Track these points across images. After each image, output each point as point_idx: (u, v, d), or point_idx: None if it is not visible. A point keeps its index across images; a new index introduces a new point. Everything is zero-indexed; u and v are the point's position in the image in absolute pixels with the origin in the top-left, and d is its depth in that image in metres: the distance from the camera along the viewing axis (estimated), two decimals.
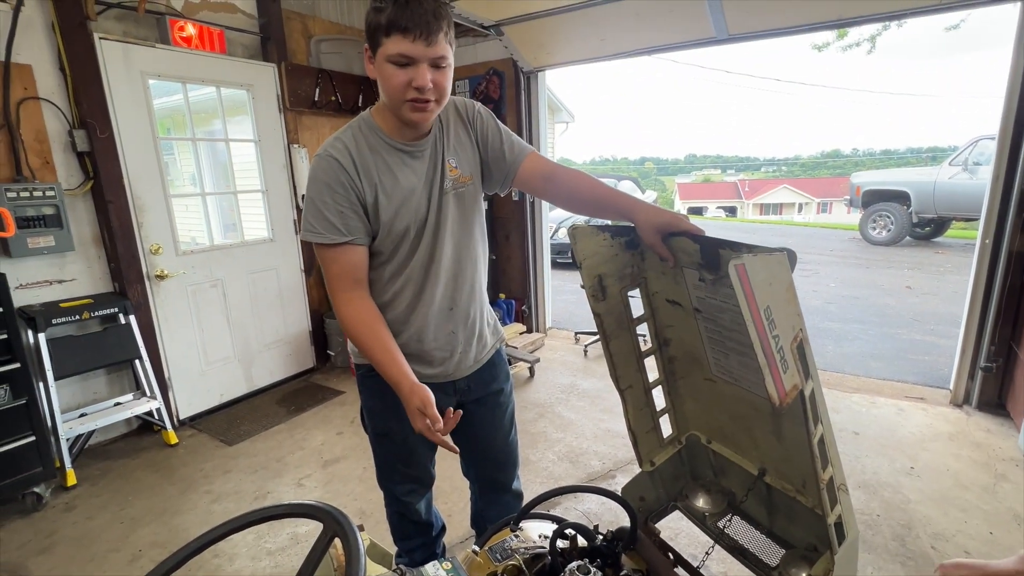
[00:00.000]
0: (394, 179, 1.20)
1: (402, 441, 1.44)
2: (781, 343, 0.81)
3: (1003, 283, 2.68)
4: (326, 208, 1.15)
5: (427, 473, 1.57)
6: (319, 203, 1.15)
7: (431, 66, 1.06)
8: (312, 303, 3.88)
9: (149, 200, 2.91)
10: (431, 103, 1.11)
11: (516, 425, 1.59)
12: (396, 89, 1.08)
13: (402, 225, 1.22)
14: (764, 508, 1.24)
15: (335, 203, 1.15)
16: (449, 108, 1.28)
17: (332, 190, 1.15)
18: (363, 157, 1.17)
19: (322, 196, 1.15)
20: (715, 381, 1.20)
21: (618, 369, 1.23)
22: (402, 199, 1.21)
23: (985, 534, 1.98)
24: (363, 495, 2.44)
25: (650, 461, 1.34)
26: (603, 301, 1.13)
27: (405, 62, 1.05)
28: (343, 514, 0.78)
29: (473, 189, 1.30)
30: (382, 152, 1.19)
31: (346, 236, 1.17)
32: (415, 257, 1.27)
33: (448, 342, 1.35)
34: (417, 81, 1.06)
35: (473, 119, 1.29)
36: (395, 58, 1.04)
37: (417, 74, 1.05)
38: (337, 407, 3.35)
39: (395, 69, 1.06)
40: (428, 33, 1.02)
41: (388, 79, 1.08)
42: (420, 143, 1.22)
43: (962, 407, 2.93)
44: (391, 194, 1.20)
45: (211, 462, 2.76)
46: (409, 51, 1.03)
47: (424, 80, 1.06)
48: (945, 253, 7.82)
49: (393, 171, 1.20)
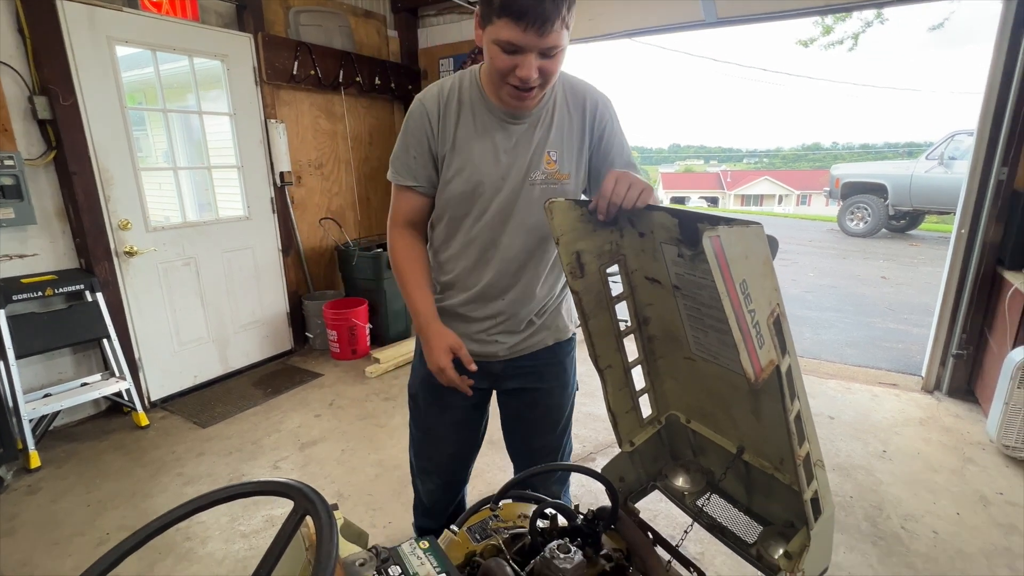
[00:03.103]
0: (470, 143, 1.14)
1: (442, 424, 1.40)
2: (757, 318, 0.79)
3: (976, 272, 2.73)
4: (403, 150, 1.17)
5: (454, 472, 1.49)
6: (400, 144, 1.18)
7: (540, 55, 0.98)
8: (290, 284, 3.80)
9: (117, 173, 2.80)
10: (534, 90, 1.04)
11: (569, 428, 1.46)
12: (499, 72, 1.02)
13: (462, 189, 1.17)
14: (742, 486, 1.24)
15: (411, 147, 1.16)
16: (567, 91, 1.18)
17: (412, 134, 1.15)
18: (449, 108, 1.14)
19: (403, 138, 1.17)
20: (694, 360, 1.18)
21: (597, 349, 1.21)
22: (468, 162, 1.15)
23: (953, 515, 2.03)
24: (341, 477, 2.40)
25: (629, 441, 1.33)
26: (581, 279, 1.10)
27: (513, 49, 0.96)
28: (315, 491, 0.74)
29: (570, 190, 1.20)
30: (474, 108, 1.14)
31: (411, 181, 1.19)
32: (472, 238, 1.21)
33: (488, 327, 1.29)
34: (522, 71, 0.98)
35: (597, 119, 1.19)
36: (503, 44, 0.96)
37: (524, 63, 0.98)
38: (315, 390, 3.30)
39: (501, 52, 0.98)
40: (543, 22, 0.92)
41: (492, 59, 1.01)
42: (518, 115, 1.13)
43: (933, 393, 3.00)
44: (461, 153, 1.15)
45: (183, 444, 2.70)
46: (519, 40, 0.94)
47: (529, 72, 0.98)
48: (919, 245, 7.99)
49: (474, 134, 1.14)
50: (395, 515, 2.14)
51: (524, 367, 1.34)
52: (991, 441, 2.46)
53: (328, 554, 0.64)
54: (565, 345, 1.40)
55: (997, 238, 2.68)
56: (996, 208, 2.65)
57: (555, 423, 1.42)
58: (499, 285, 1.25)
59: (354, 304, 3.71)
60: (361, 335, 3.70)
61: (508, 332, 1.30)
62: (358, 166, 4.22)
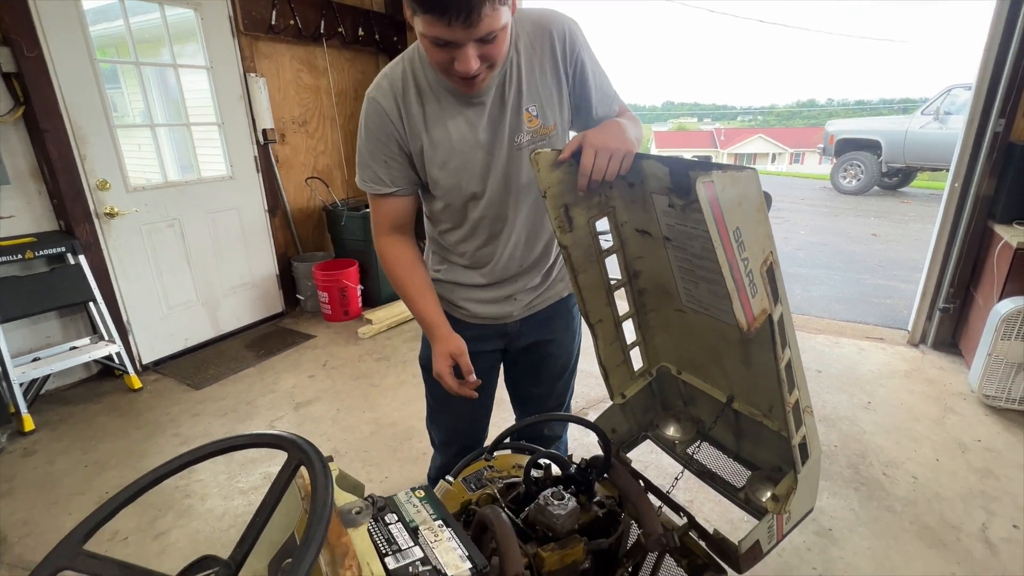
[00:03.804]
0: (444, 131, 1.05)
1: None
2: (750, 266, 0.78)
3: (967, 227, 2.74)
4: (371, 157, 1.08)
5: (472, 436, 1.49)
6: (364, 151, 1.09)
7: (478, 42, 0.86)
8: (278, 246, 3.74)
9: (91, 130, 2.69)
10: (481, 75, 0.94)
11: (574, 377, 1.48)
12: (437, 65, 0.93)
13: (453, 182, 1.09)
14: (731, 434, 1.27)
15: (379, 152, 1.07)
16: (529, 32, 1.03)
17: (375, 138, 1.06)
18: (409, 102, 1.03)
19: (367, 144, 1.08)
20: (685, 312, 1.18)
21: (588, 304, 1.20)
22: (451, 153, 1.07)
23: (932, 461, 2.10)
24: (336, 435, 2.43)
25: (621, 394, 1.34)
26: (570, 232, 1.08)
27: (444, 43, 0.85)
28: (308, 442, 0.74)
29: (560, 139, 1.12)
30: (433, 96, 1.03)
31: (390, 187, 1.10)
32: (478, 218, 1.16)
33: (506, 301, 1.27)
34: (460, 65, 0.87)
35: (568, 52, 1.05)
36: (431, 39, 0.85)
37: (460, 56, 0.86)
38: (308, 351, 3.30)
39: (433, 46, 0.87)
40: (468, 13, 0.79)
41: (428, 53, 0.91)
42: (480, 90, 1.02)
43: (918, 347, 3.06)
44: (439, 147, 1.06)
45: (178, 406, 2.71)
46: (446, 35, 0.83)
47: (468, 65, 0.87)
48: (910, 203, 7.99)
49: (444, 120, 1.04)
50: (391, 470, 2.18)
51: (538, 321, 1.34)
52: (972, 392, 2.52)
53: (323, 502, 0.64)
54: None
55: (990, 191, 2.67)
56: (991, 161, 2.63)
57: (563, 369, 1.43)
58: (516, 256, 1.23)
59: (344, 265, 3.67)
60: (352, 296, 3.68)
61: (526, 291, 1.29)
62: (344, 123, 4.09)
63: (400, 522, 0.80)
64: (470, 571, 0.72)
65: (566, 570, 0.95)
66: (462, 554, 0.75)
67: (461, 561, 0.74)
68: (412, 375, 2.92)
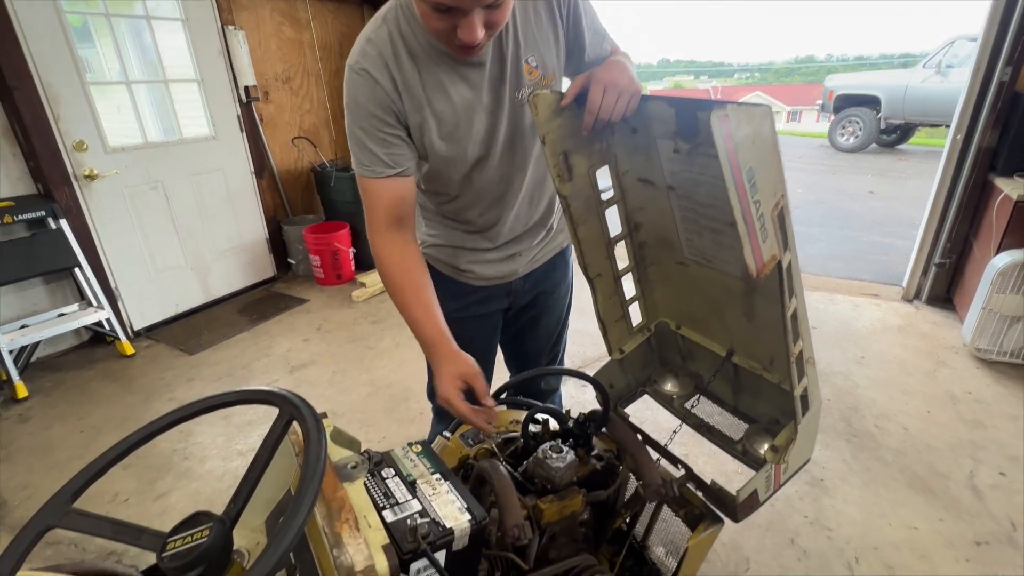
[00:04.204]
0: (446, 98, 0.96)
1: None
2: (762, 209, 0.74)
3: (968, 179, 2.70)
4: (367, 137, 0.95)
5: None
6: (357, 131, 0.95)
7: (484, 8, 0.79)
8: (267, 209, 3.65)
9: (63, 89, 2.56)
10: (482, 43, 0.86)
11: (567, 328, 1.47)
12: (436, 33, 0.85)
13: (456, 151, 1.02)
14: (729, 388, 1.26)
15: (375, 130, 0.94)
16: None
17: (370, 115, 0.93)
18: (404, 70, 0.93)
19: (360, 122, 0.94)
20: (687, 264, 1.15)
21: (587, 257, 1.17)
22: (456, 123, 0.99)
23: (923, 413, 2.13)
24: (333, 397, 2.43)
25: (619, 349, 1.33)
26: (569, 182, 1.03)
27: (447, 9, 0.78)
28: (299, 397, 0.72)
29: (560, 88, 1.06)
30: (428, 61, 0.93)
31: (392, 168, 0.97)
32: (483, 185, 1.09)
33: (511, 259, 1.23)
34: (464, 34, 0.80)
35: None
36: (433, 3, 0.78)
37: (464, 24, 0.79)
38: (302, 315, 3.27)
39: (433, 12, 0.79)
40: None
41: (424, 18, 0.83)
42: None
43: (912, 302, 3.07)
44: (443, 118, 0.98)
45: (172, 371, 2.69)
46: (450, 1, 0.76)
47: (473, 34, 0.80)
48: (908, 160, 7.92)
49: (444, 87, 0.96)
50: (389, 431, 2.19)
51: (540, 274, 1.32)
52: (964, 345, 2.54)
53: (316, 456, 0.62)
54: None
55: (992, 143, 2.62)
56: (995, 112, 2.57)
57: (558, 322, 1.43)
58: (521, 216, 1.19)
59: (335, 228, 3.60)
60: (345, 260, 3.63)
61: (531, 247, 1.26)
62: (329, 79, 3.93)
63: (397, 476, 0.79)
64: (469, 523, 0.72)
65: (565, 521, 0.96)
66: (461, 506, 0.74)
67: (460, 513, 0.73)
68: (407, 337, 2.90)
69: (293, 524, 0.55)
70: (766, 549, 1.56)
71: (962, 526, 1.62)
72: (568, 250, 1.38)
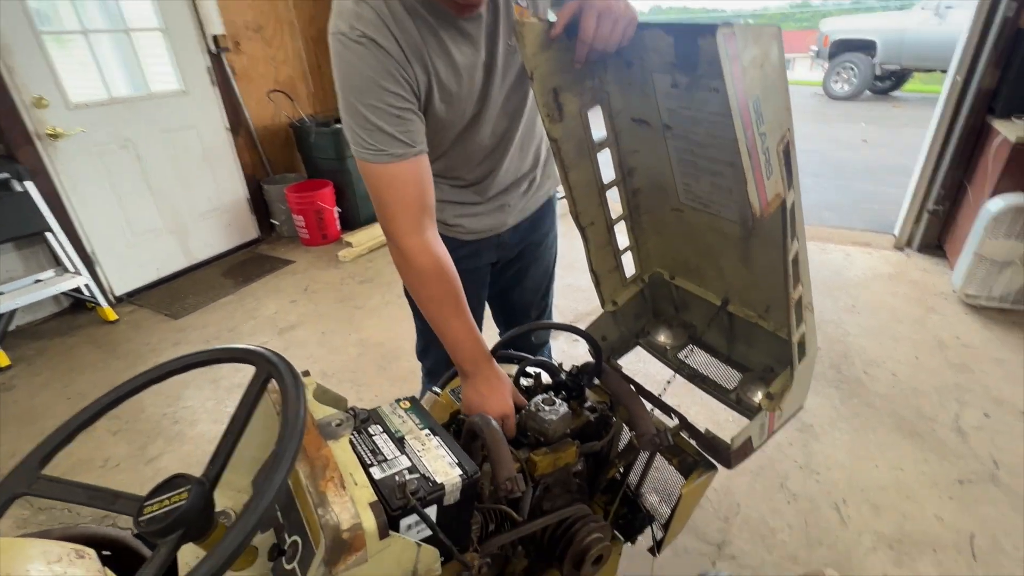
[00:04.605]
0: (448, 60, 0.88)
1: None
2: (767, 143, 0.70)
3: (966, 122, 2.64)
4: (378, 116, 0.82)
5: None
6: (362, 109, 0.82)
7: None
8: (245, 167, 3.52)
9: (13, 38, 2.39)
10: None
11: (554, 279, 1.43)
12: None
13: (455, 113, 0.95)
14: (723, 337, 1.24)
15: (387, 106, 0.82)
16: None
17: (378, 88, 0.81)
18: (406, 30, 0.82)
19: (367, 99, 0.81)
20: (682, 211, 1.11)
21: (578, 204, 1.12)
22: (458, 84, 0.91)
23: (912, 359, 2.15)
24: (323, 358, 2.41)
25: (612, 301, 1.30)
26: (560, 122, 0.97)
27: None
28: (276, 354, 0.68)
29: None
30: (426, 17, 0.84)
31: (412, 147, 0.86)
32: (476, 141, 1.02)
33: (500, 211, 1.18)
34: None
35: None
36: None
37: None
38: (288, 276, 3.21)
39: None
40: None
41: None
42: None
43: (904, 250, 3.06)
44: (445, 82, 0.89)
45: (157, 336, 2.64)
46: None
47: None
48: (902, 107, 7.79)
49: (446, 47, 0.87)
50: (381, 389, 2.18)
51: (529, 223, 1.27)
52: (954, 292, 2.55)
53: (295, 413, 0.59)
54: None
55: (992, 84, 2.55)
56: (997, 50, 2.49)
57: (545, 273, 1.40)
58: (511, 168, 1.13)
59: (318, 187, 3.48)
60: (330, 219, 3.54)
61: (519, 197, 1.21)
62: (304, 27, 3.72)
63: (385, 433, 0.77)
64: (460, 477, 0.69)
65: (558, 473, 0.95)
66: (451, 461, 0.72)
67: (451, 468, 0.71)
68: (397, 295, 2.86)
69: (271, 484, 0.52)
70: (756, 493, 1.59)
71: (946, 466, 1.66)
72: (555, 197, 1.33)
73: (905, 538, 1.44)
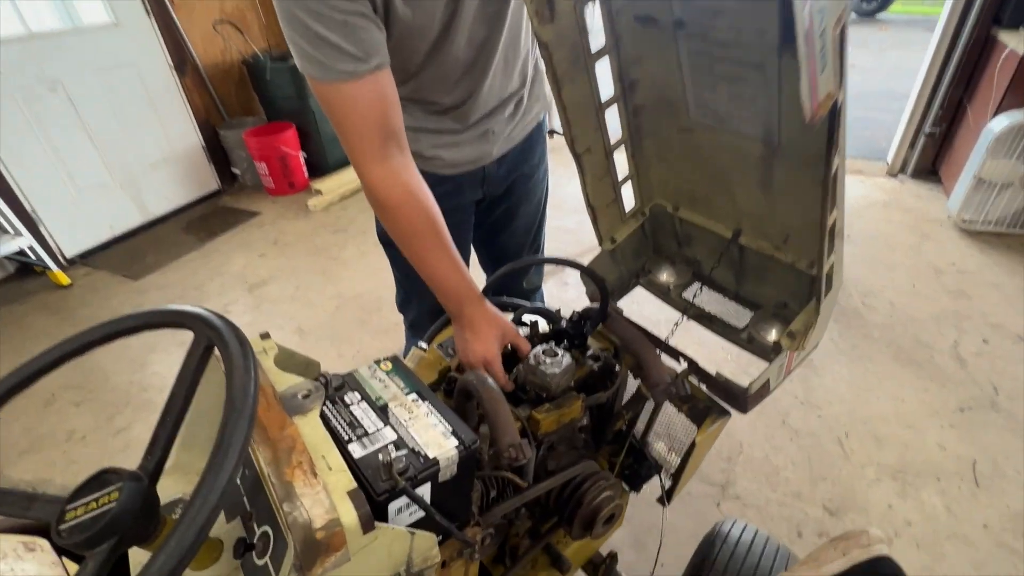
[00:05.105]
0: None
1: None
2: (824, 22, 0.55)
3: (971, 34, 2.48)
4: (320, 21, 0.68)
5: None
6: (304, 13, 0.68)
7: None
8: (197, 111, 3.21)
9: None
10: None
11: (546, 217, 1.32)
12: None
13: (423, 16, 0.79)
14: (731, 273, 1.14)
15: (332, 8, 0.68)
16: None
17: None
18: None
19: (307, 4, 0.67)
20: (692, 131, 0.97)
21: (573, 128, 0.98)
22: None
23: (908, 287, 2.10)
24: (299, 314, 2.27)
25: (611, 239, 1.18)
26: (551, 23, 0.81)
27: None
28: (218, 315, 0.55)
29: None
30: None
31: (366, 61, 0.72)
32: (452, 55, 0.87)
33: (483, 139, 1.04)
34: None
35: None
36: None
37: None
38: (255, 229, 3.00)
39: None
40: None
41: None
42: None
43: (897, 176, 2.98)
44: None
45: (117, 298, 2.46)
46: None
47: None
48: (887, 29, 7.54)
49: None
50: (362, 343, 2.06)
51: (516, 154, 1.14)
52: (949, 217, 2.49)
53: (243, 390, 0.47)
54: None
55: None
56: None
57: (537, 209, 1.28)
58: (495, 87, 0.99)
59: (280, 130, 3.20)
60: (295, 165, 3.28)
61: (504, 121, 1.06)
62: None
63: (364, 401, 0.65)
64: (456, 449, 0.59)
65: (563, 430, 0.86)
66: (445, 430, 0.61)
67: (444, 438, 0.60)
68: (373, 244, 2.67)
69: (212, 486, 0.40)
70: (758, 432, 1.55)
71: (946, 394, 1.63)
72: (545, 122, 1.18)
73: (908, 468, 1.42)
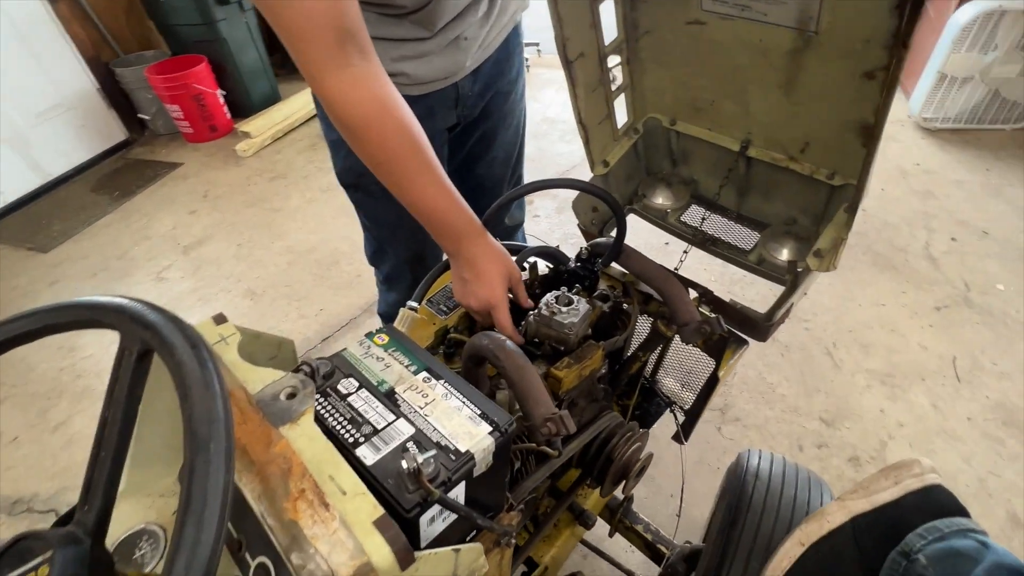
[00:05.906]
0: None
1: None
2: None
3: None
4: None
5: (426, 260, 1.16)
6: None
7: None
8: (83, 47, 2.71)
9: None
10: None
11: (525, 142, 1.18)
12: None
13: None
14: (734, 191, 1.05)
15: None
16: None
17: None
18: None
19: None
20: (703, 23, 0.84)
21: (565, 27, 0.83)
22: None
23: (878, 191, 2.10)
24: (247, 274, 2.05)
25: (603, 161, 1.06)
26: None
27: None
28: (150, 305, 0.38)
29: None
30: None
31: None
32: None
33: (454, 47, 0.87)
34: None
35: None
36: None
37: None
38: (179, 182, 2.65)
39: None
40: None
41: None
42: None
43: None
44: None
45: (25, 276, 2.14)
46: None
47: None
48: None
49: None
50: (324, 300, 1.89)
51: (491, 65, 0.98)
52: (910, 117, 2.48)
53: (207, 415, 0.32)
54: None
55: None
56: None
57: (517, 129, 1.14)
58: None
59: (189, 64, 2.76)
60: (214, 105, 2.88)
61: (476, 24, 0.88)
62: None
63: (364, 388, 0.52)
64: (492, 436, 0.48)
65: (584, 384, 0.76)
66: (472, 413, 0.50)
67: (474, 424, 0.49)
68: (320, 190, 2.44)
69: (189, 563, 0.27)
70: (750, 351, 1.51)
71: (923, 295, 1.66)
72: (521, 25, 1.00)
73: (895, 371, 1.45)
